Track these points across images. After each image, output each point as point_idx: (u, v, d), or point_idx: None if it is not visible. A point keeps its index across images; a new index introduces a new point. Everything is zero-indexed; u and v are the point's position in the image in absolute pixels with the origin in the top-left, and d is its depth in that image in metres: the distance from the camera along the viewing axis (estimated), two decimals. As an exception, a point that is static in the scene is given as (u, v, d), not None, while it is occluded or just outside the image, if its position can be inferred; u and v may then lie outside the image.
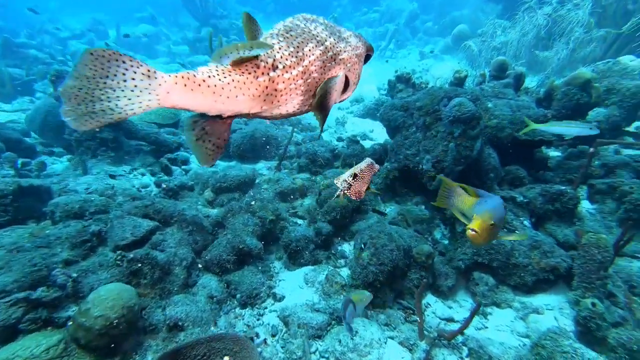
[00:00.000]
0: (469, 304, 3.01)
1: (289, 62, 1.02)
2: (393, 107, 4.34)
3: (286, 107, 1.08)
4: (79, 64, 0.76)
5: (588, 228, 3.32)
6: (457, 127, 3.48)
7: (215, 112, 0.95)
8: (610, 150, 4.55)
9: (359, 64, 1.27)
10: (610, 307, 2.33)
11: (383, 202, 4.34)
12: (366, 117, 8.40)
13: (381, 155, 4.68)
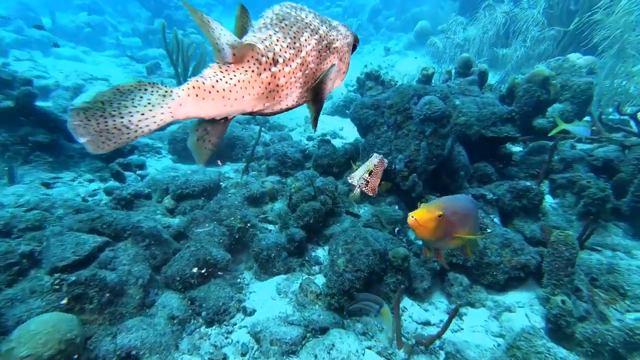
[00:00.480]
0: (444, 305, 3.04)
1: (288, 55, 1.01)
2: (363, 105, 4.29)
3: (286, 102, 1.08)
4: (99, 95, 0.78)
5: (552, 222, 3.49)
6: (428, 125, 3.49)
7: (223, 115, 0.96)
8: (567, 145, 4.85)
9: (349, 53, 1.28)
10: (576, 302, 2.44)
11: (356, 204, 4.30)
12: (335, 114, 8.36)
13: (353, 155, 4.63)
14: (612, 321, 2.47)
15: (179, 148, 5.13)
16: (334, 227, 3.83)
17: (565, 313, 2.25)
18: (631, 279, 2.86)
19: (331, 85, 1.23)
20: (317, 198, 3.82)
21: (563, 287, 2.40)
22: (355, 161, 4.71)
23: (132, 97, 0.80)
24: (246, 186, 4.34)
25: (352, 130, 7.17)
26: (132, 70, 10.24)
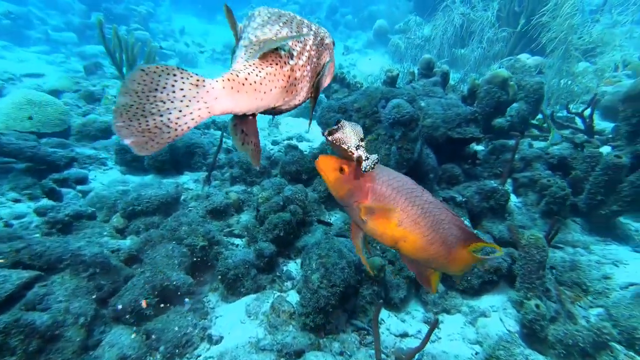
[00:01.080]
0: (421, 314, 3.04)
1: (298, 49, 1.05)
2: (330, 109, 4.21)
3: (299, 97, 1.10)
4: (128, 80, 0.77)
5: (517, 222, 3.65)
6: (397, 129, 3.48)
7: (253, 111, 0.97)
8: (525, 143, 5.13)
9: (333, 51, 1.31)
10: (546, 303, 2.53)
11: (327, 211, 4.20)
12: (299, 116, 8.22)
13: (320, 160, 4.53)
14: (578, 319, 2.61)
15: (128, 158, 4.69)
16: (305, 238, 3.70)
17: (539, 317, 2.32)
18: (592, 275, 3.05)
19: (324, 81, 1.26)
20: (287, 208, 3.67)
21: (535, 289, 2.48)
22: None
23: (165, 87, 0.77)
24: (208, 198, 4.07)
25: (318, 133, 7.09)
26: (68, 69, 9.31)
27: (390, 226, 1.31)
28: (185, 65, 12.97)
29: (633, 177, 3.16)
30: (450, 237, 1.34)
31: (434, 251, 1.33)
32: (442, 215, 1.34)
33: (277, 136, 6.77)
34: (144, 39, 11.23)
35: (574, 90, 7.69)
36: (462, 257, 1.39)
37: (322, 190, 4.19)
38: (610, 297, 2.89)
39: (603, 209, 3.41)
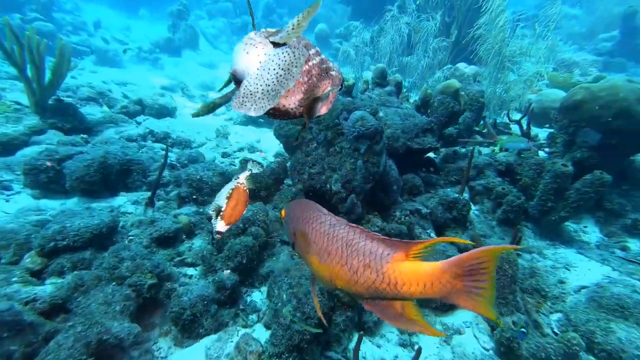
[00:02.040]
0: (395, 336, 2.97)
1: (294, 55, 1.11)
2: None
3: (289, 100, 1.16)
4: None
5: (478, 231, 3.79)
6: (362, 143, 3.40)
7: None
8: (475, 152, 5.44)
9: (337, 89, 1.37)
10: (518, 316, 2.62)
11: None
12: (249, 124, 7.87)
13: (280, 175, 4.28)
14: (544, 328, 2.74)
15: (43, 179, 3.96)
16: (269, 262, 3.44)
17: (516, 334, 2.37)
18: (549, 280, 3.27)
19: (320, 107, 1.31)
20: (248, 231, 3.38)
21: (509, 304, 2.55)
22: (283, 181, 4.38)
23: None
24: (154, 224, 3.60)
25: (271, 142, 6.83)
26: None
27: (316, 264, 1.21)
28: (106, 64, 11.74)
29: (579, 184, 3.47)
30: (372, 256, 1.11)
31: (364, 280, 1.11)
32: (350, 235, 1.16)
33: (226, 147, 6.35)
34: (48, 31, 9.90)
35: (508, 99, 8.43)
36: (411, 272, 1.06)
37: (281, 208, 3.96)
38: (566, 302, 3.11)
39: (553, 214, 3.71)
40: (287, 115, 1.25)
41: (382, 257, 1.08)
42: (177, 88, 10.21)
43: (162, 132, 6.13)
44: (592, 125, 4.07)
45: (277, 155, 6.09)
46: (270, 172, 4.23)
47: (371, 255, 1.10)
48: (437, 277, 1.02)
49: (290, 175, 4.03)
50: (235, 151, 6.24)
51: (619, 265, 3.50)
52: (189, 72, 12.50)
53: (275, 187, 4.29)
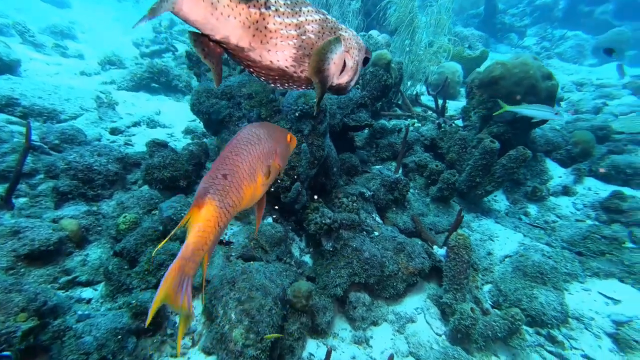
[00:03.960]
0: (348, 333, 2.90)
1: (282, 9, 1.13)
2: (209, 93, 3.33)
3: (276, 55, 1.15)
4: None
5: (416, 210, 3.92)
6: (305, 123, 3.03)
7: (209, 29, 1.07)
8: (403, 127, 5.58)
9: (359, 55, 1.40)
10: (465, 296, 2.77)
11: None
12: (140, 89, 6.54)
13: (201, 159, 3.62)
14: (484, 304, 3.00)
15: None
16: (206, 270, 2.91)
17: (475, 322, 2.50)
18: (479, 253, 3.60)
19: (335, 70, 1.28)
20: (172, 238, 2.76)
21: (463, 289, 2.67)
22: (204, 166, 3.73)
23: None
24: (19, 235, 2.66)
25: (177, 114, 5.86)
26: None
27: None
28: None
29: (504, 159, 3.81)
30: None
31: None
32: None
33: (115, 121, 5.13)
34: None
35: (417, 70, 8.87)
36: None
37: (209, 199, 3.37)
38: (495, 273, 3.48)
39: (479, 189, 4.05)
40: (281, 75, 1.22)
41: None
42: (12, 31, 7.59)
43: (4, 96, 4.49)
44: (507, 101, 4.48)
45: (187, 131, 5.22)
46: (188, 155, 3.53)
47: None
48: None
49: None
50: (128, 126, 5.10)
51: (527, 231, 4.09)
52: (28, 9, 9.54)
53: (197, 174, 3.62)
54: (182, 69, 7.33)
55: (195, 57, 4.08)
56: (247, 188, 1.17)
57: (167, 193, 3.33)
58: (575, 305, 3.32)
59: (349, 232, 2.95)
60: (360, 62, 1.43)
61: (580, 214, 4.70)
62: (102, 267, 2.79)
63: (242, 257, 3.07)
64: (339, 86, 1.41)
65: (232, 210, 1.11)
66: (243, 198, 1.17)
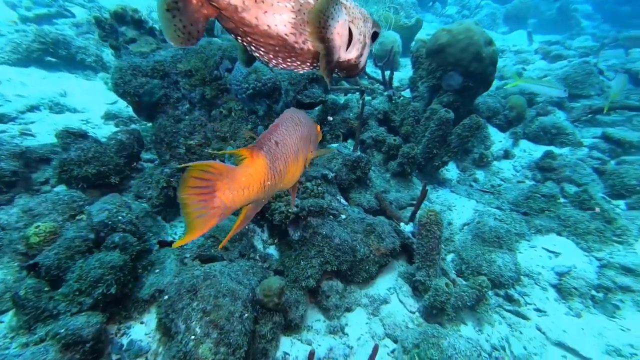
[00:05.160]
0: (322, 324, 2.80)
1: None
2: (136, 70, 2.81)
3: (274, 18, 1.06)
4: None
5: (378, 187, 3.87)
6: (260, 103, 2.71)
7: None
8: (354, 102, 5.43)
9: (364, 26, 1.31)
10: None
11: (168, 223, 3.04)
12: (29, 64, 5.44)
13: (134, 149, 3.10)
14: (450, 274, 3.09)
15: None
16: (152, 277, 2.55)
17: (450, 296, 2.53)
18: (441, 224, 3.68)
19: (340, 41, 1.21)
20: (108, 242, 2.34)
21: (436, 265, 2.68)
22: (139, 158, 3.23)
23: None
24: None
25: (89, 96, 5.04)
26: None
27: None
28: None
29: (459, 128, 3.87)
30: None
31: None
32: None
33: (1, 104, 4.19)
34: None
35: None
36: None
37: (153, 196, 2.93)
38: (455, 241, 3.60)
39: (436, 160, 4.10)
40: (282, 46, 1.12)
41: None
42: None
43: None
44: (456, 69, 4.53)
45: (108, 116, 4.48)
46: (118, 146, 2.99)
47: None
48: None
49: (156, 149, 2.95)
50: (22, 111, 4.21)
51: (479, 197, 4.30)
52: None
53: (131, 167, 3.12)
54: (88, 39, 6.21)
55: (108, 24, 3.37)
56: (291, 164, 1.19)
57: (95, 192, 2.82)
58: (525, 262, 3.61)
59: (318, 218, 2.78)
60: (368, 35, 1.31)
61: (520, 175, 5.08)
62: (9, 293, 2.30)
63: (200, 258, 2.76)
64: (349, 62, 1.30)
65: (277, 177, 1.10)
66: (287, 172, 1.18)
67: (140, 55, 2.98)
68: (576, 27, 14.54)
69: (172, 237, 2.91)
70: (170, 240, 2.82)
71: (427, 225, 2.57)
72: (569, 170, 4.90)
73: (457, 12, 16.15)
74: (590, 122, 6.79)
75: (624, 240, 3.96)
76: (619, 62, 10.67)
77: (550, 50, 11.68)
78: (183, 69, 2.76)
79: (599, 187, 4.88)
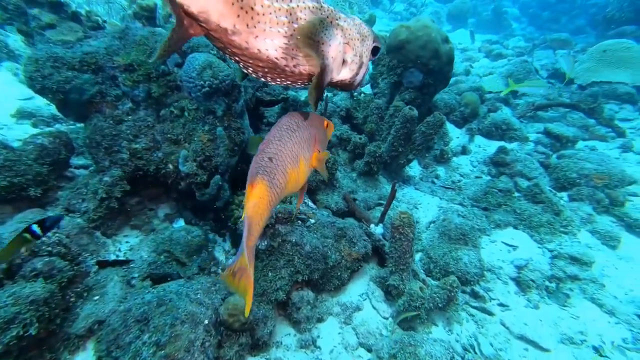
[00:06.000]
0: (293, 338, 2.63)
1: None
2: (58, 62, 2.37)
3: (265, 43, 1.04)
4: None
5: (345, 187, 3.74)
6: (217, 102, 2.42)
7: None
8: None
9: (362, 46, 1.29)
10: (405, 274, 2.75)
11: (109, 237, 2.64)
12: None
13: (59, 154, 2.63)
14: (420, 274, 3.05)
15: None
16: (89, 305, 2.18)
17: (424, 300, 2.47)
18: (408, 223, 3.64)
19: (332, 65, 1.19)
20: (26, 270, 1.95)
21: (409, 269, 2.60)
22: (68, 165, 2.77)
23: None
24: None
25: None
26: None
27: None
28: None
29: (423, 126, 3.84)
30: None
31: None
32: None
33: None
34: None
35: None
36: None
37: (89, 208, 2.52)
38: (423, 240, 3.59)
39: (401, 158, 4.06)
40: (272, 68, 1.10)
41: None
42: None
43: None
44: (416, 66, 4.52)
45: (22, 114, 3.82)
46: (37, 152, 2.51)
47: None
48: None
49: (90, 154, 2.53)
50: None
51: (442, 193, 4.36)
52: None
53: (58, 176, 2.66)
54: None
55: (11, 4, 2.77)
56: (291, 171, 1.22)
57: (7, 208, 2.35)
58: (487, 257, 3.70)
59: (286, 225, 2.57)
60: (366, 53, 1.30)
61: (477, 171, 5.25)
62: None
63: (151, 277, 2.43)
64: (343, 82, 1.31)
65: (280, 191, 1.16)
66: (288, 181, 1.22)
67: (62, 44, 2.51)
68: (508, 28, 15.64)
69: (115, 255, 2.53)
70: (113, 260, 2.45)
71: (400, 228, 2.48)
72: (520, 165, 5.16)
73: (405, 9, 16.56)
74: (533, 118, 7.26)
75: (569, 230, 4.23)
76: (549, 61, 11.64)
77: (492, 49, 12.39)
78: (122, 62, 2.37)
79: (546, 180, 5.20)
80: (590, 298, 3.50)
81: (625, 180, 4.91)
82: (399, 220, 2.48)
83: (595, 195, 4.70)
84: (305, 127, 1.33)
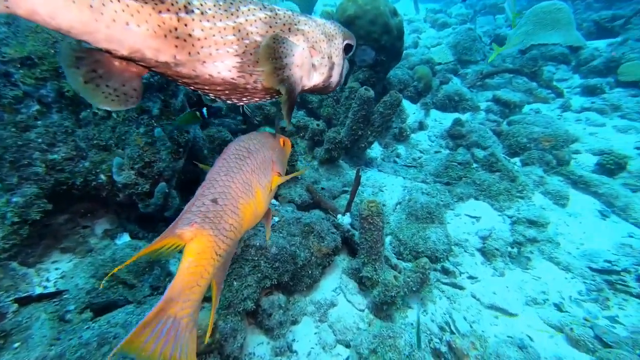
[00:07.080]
0: (266, 347, 2.46)
1: (211, 12, 0.96)
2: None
3: (215, 67, 0.98)
4: None
5: (308, 178, 3.54)
6: (152, 99, 2.09)
7: (102, 41, 0.82)
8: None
9: (330, 46, 1.24)
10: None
11: (31, 266, 2.24)
12: None
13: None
14: (392, 260, 2.99)
15: None
16: (4, 358, 1.83)
17: (400, 289, 2.38)
18: (375, 207, 3.55)
19: (300, 73, 1.13)
20: None
21: (381, 258, 2.50)
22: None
23: None
24: None
25: None
26: None
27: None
28: None
29: (380, 107, 3.70)
30: None
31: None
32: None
33: None
34: None
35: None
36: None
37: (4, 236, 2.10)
38: (391, 223, 3.52)
39: (362, 141, 3.91)
40: (232, 89, 1.05)
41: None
42: None
43: None
44: (367, 42, 4.34)
45: None
46: None
47: None
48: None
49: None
50: None
51: (405, 173, 4.31)
52: None
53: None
54: None
55: None
56: (245, 207, 1.08)
57: None
58: (453, 232, 3.74)
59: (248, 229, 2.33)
60: (336, 52, 1.23)
61: (435, 145, 5.29)
62: None
63: (91, 307, 2.10)
64: (316, 87, 1.24)
65: (233, 234, 1.02)
66: (243, 218, 1.07)
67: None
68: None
69: (41, 287, 2.15)
70: (39, 294, 2.07)
71: (369, 218, 2.35)
72: (475, 135, 5.26)
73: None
74: (482, 87, 7.46)
75: (525, 195, 4.40)
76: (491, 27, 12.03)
77: (437, 18, 12.53)
78: (15, 55, 1.91)
79: (500, 147, 5.37)
80: (549, 258, 3.67)
81: (569, 140, 5.20)
82: (367, 209, 2.35)
83: (544, 157, 4.93)
84: (258, 151, 1.18)
